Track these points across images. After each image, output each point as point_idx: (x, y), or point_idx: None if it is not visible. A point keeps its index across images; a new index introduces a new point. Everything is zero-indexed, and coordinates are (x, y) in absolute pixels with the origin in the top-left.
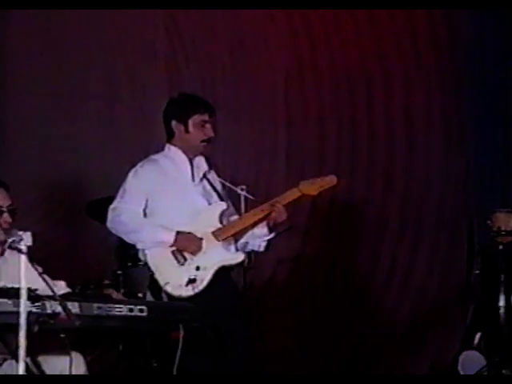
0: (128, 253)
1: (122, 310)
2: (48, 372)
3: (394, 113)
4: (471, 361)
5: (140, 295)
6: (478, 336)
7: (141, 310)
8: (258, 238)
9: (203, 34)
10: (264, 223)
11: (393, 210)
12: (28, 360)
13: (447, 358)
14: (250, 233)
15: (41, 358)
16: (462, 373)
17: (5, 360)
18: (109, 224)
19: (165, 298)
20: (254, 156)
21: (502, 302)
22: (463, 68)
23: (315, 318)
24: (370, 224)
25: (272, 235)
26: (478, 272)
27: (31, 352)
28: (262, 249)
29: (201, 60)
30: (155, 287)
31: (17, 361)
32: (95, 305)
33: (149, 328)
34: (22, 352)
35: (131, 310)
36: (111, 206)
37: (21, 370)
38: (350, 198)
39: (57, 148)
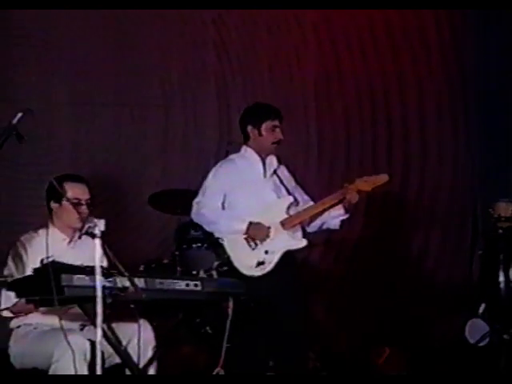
0: (184, 237)
1: (179, 284)
2: (120, 336)
3: (409, 115)
4: (476, 327)
5: (194, 272)
6: (482, 306)
7: (195, 285)
8: (335, 218)
9: (246, 51)
10: (339, 206)
11: (411, 201)
12: (104, 326)
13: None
14: (326, 214)
15: (114, 325)
16: (468, 337)
17: (85, 326)
18: (193, 216)
19: (215, 276)
20: (288, 153)
21: (501, 278)
22: (468, 72)
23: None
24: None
25: (347, 215)
26: (480, 252)
27: (106, 319)
28: (337, 227)
29: (244, 73)
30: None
31: (95, 326)
32: (157, 280)
33: (202, 300)
34: (99, 319)
35: (187, 285)
36: (195, 200)
37: (98, 335)
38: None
39: (123, 149)
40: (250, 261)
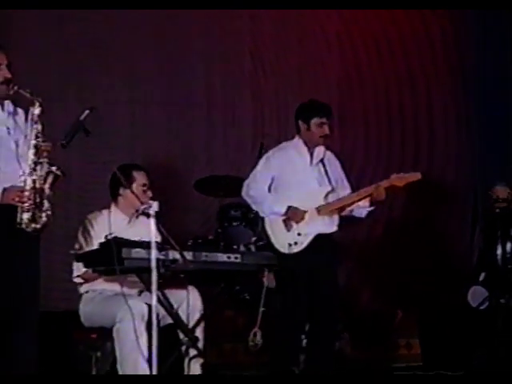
0: (225, 216)
1: (222, 257)
2: (172, 301)
3: (420, 113)
4: (477, 293)
5: (234, 247)
6: (482, 275)
7: (236, 258)
8: (362, 209)
9: (278, 57)
10: (367, 199)
11: (418, 185)
12: (158, 292)
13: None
14: (355, 205)
15: (167, 291)
16: (470, 302)
17: (142, 292)
18: (243, 195)
19: (253, 249)
20: None
21: (499, 250)
22: (469, 71)
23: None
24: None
25: (372, 208)
26: (481, 228)
27: (160, 287)
28: (363, 216)
29: (276, 76)
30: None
31: (150, 292)
32: (203, 253)
33: (241, 270)
34: (154, 286)
35: (229, 258)
36: (245, 182)
37: (154, 300)
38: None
39: (173, 142)
40: (284, 240)
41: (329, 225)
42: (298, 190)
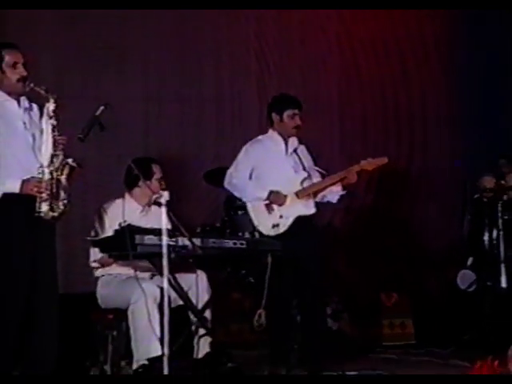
0: (231, 205)
1: (228, 243)
2: (182, 284)
3: (414, 112)
4: (466, 276)
5: (240, 234)
6: (470, 259)
7: (241, 244)
8: (334, 193)
9: (282, 58)
10: (339, 184)
11: (413, 178)
12: (169, 276)
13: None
14: (328, 190)
15: (177, 275)
16: (460, 284)
17: (154, 275)
18: (225, 184)
19: (257, 236)
20: (317, 142)
21: (486, 237)
22: (461, 71)
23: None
24: (395, 183)
25: (344, 192)
26: (469, 217)
27: (171, 271)
28: (335, 201)
29: (279, 75)
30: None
31: (162, 276)
32: (211, 240)
33: (247, 255)
34: (165, 270)
35: (235, 244)
36: (228, 171)
37: (165, 283)
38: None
39: (184, 136)
40: (267, 223)
41: (308, 207)
42: (276, 177)
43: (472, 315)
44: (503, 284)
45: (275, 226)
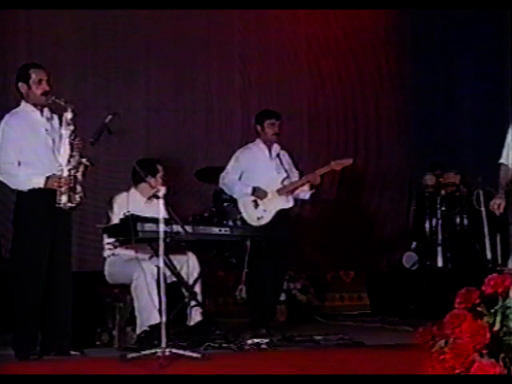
0: (218, 198)
1: (215, 230)
2: (176, 263)
3: (370, 120)
4: (410, 258)
5: (225, 222)
6: (413, 244)
7: (225, 230)
8: (305, 192)
9: (261, 76)
10: (308, 184)
11: (369, 175)
12: (165, 257)
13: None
14: (300, 188)
15: (172, 256)
16: (405, 264)
17: (152, 256)
18: (220, 184)
19: (239, 224)
20: (288, 146)
21: (427, 225)
22: (406, 75)
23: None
24: (354, 180)
25: (312, 191)
26: (414, 208)
27: (166, 252)
28: (307, 197)
29: (259, 91)
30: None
31: (158, 257)
32: (201, 227)
33: (230, 240)
34: (161, 253)
35: (220, 230)
36: (221, 174)
37: (161, 262)
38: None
39: (179, 141)
40: (253, 215)
41: (287, 202)
42: (262, 177)
43: (415, 289)
44: (439, 263)
45: (260, 218)
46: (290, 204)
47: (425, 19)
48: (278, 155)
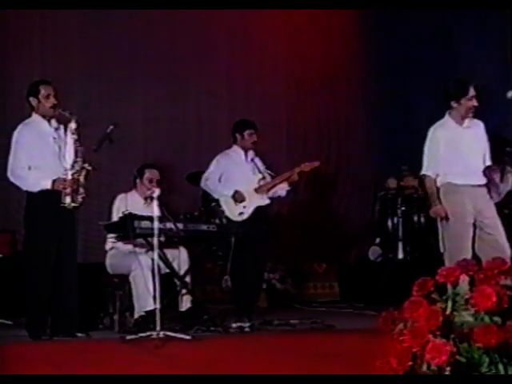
0: (206, 198)
1: (203, 227)
2: (169, 256)
3: (340, 130)
4: (375, 251)
5: (212, 220)
6: (377, 239)
7: (213, 227)
8: (282, 189)
9: (247, 91)
10: (286, 182)
11: (340, 178)
12: (159, 251)
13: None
14: (277, 186)
15: (165, 250)
16: (370, 257)
17: (148, 250)
18: (201, 185)
19: (225, 222)
20: (269, 152)
21: (389, 223)
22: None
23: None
24: (327, 182)
25: (289, 188)
26: (378, 207)
27: (160, 247)
28: (283, 195)
29: (244, 105)
30: (221, 215)
31: (153, 251)
32: (191, 224)
33: (217, 236)
34: (155, 247)
35: (208, 227)
36: (203, 176)
37: (155, 256)
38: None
39: (173, 148)
40: (234, 211)
41: (264, 199)
42: (240, 178)
43: (378, 278)
44: (400, 256)
45: (240, 213)
46: (267, 201)
47: (388, 41)
48: (252, 159)
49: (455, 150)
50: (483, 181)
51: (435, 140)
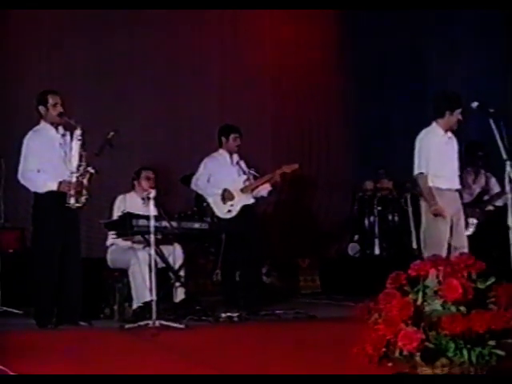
0: (199, 199)
1: (196, 225)
2: (164, 252)
3: (320, 136)
4: (353, 248)
5: (205, 218)
6: (356, 236)
7: (205, 226)
8: (265, 189)
9: (237, 97)
10: (269, 183)
11: (321, 180)
12: (155, 247)
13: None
14: (261, 187)
15: (161, 246)
16: (349, 252)
17: (145, 246)
18: (192, 186)
19: (216, 220)
20: (255, 154)
21: (366, 221)
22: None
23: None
24: (309, 184)
25: (271, 188)
26: (356, 207)
27: (156, 243)
28: (266, 195)
29: (234, 110)
30: (213, 214)
31: (150, 247)
32: (184, 222)
33: (209, 233)
34: (152, 243)
35: (200, 225)
36: (193, 178)
37: (152, 251)
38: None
39: (169, 151)
40: (222, 209)
41: (249, 199)
42: (226, 179)
43: (357, 272)
44: (376, 252)
45: (228, 211)
46: (252, 200)
47: (366, 53)
48: (237, 162)
49: (443, 156)
50: (459, 186)
51: (427, 143)
